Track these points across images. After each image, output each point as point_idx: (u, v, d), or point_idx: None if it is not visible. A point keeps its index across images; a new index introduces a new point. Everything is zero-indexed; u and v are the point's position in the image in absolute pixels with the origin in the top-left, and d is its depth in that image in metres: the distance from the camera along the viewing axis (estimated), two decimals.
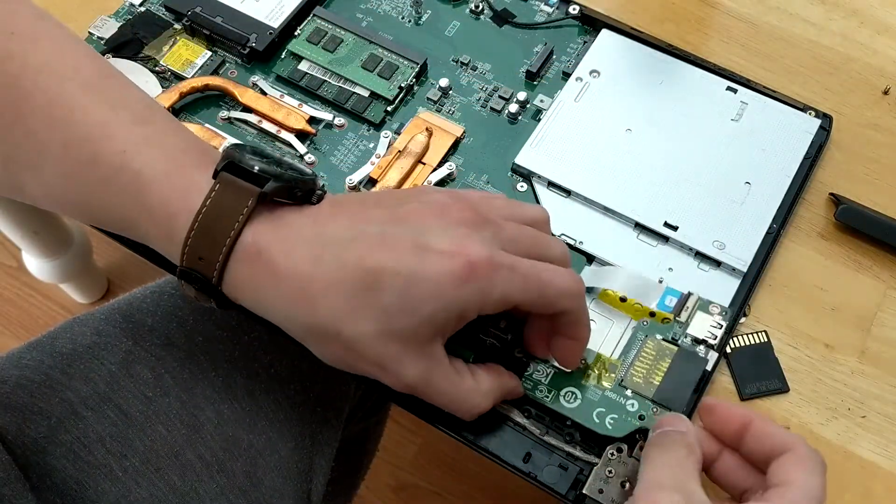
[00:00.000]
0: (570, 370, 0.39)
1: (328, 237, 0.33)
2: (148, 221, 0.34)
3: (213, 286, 0.34)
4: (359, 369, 0.34)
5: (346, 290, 0.32)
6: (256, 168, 0.34)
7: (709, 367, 0.40)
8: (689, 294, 0.41)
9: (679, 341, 0.40)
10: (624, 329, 0.41)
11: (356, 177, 0.45)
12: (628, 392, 0.39)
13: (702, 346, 0.40)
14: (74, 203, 0.36)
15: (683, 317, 0.41)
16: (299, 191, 0.34)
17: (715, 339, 0.40)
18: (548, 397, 0.39)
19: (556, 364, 0.39)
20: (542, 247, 0.36)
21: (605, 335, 0.41)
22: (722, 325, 0.40)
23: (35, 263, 0.98)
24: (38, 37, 0.36)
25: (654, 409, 0.38)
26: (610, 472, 0.37)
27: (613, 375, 0.39)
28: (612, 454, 0.37)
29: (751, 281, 0.42)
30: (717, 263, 0.43)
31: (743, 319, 0.42)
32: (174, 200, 0.34)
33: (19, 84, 0.35)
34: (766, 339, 0.42)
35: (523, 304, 0.34)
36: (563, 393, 0.39)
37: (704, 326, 0.40)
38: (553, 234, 0.39)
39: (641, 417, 0.38)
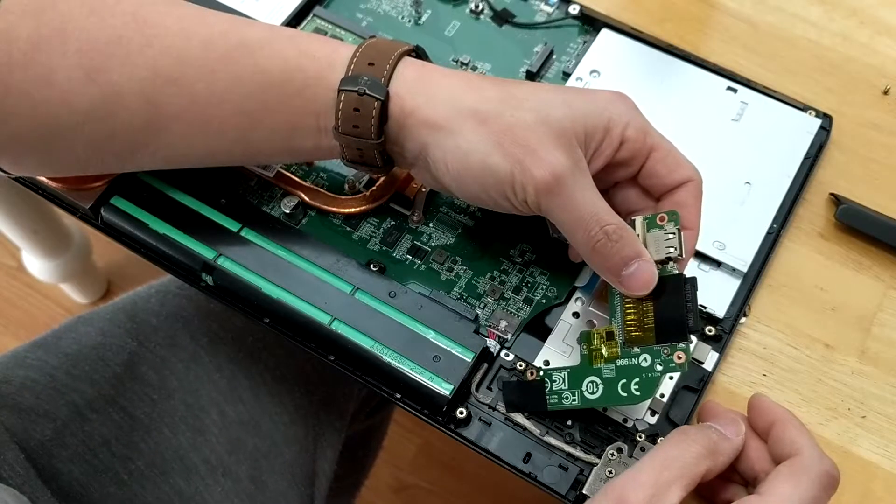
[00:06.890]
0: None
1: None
2: (309, 61, 0.37)
3: (381, 85, 0.36)
4: (503, 158, 0.35)
5: (510, 84, 0.37)
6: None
7: (709, 368, 0.40)
8: (634, 220, 0.38)
9: None
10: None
11: (354, 176, 0.45)
12: (636, 349, 0.36)
13: (670, 264, 0.37)
14: (228, 78, 0.37)
15: None
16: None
17: (676, 250, 0.36)
18: (576, 400, 0.37)
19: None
20: None
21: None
22: (675, 234, 0.36)
23: (35, 263, 0.98)
24: None
25: (665, 351, 0.36)
26: (610, 472, 0.37)
27: (615, 342, 0.37)
28: (613, 454, 0.37)
29: (751, 281, 0.42)
30: (718, 264, 0.43)
31: (743, 319, 0.42)
32: (334, 45, 0.38)
33: (141, 16, 0.36)
34: None
35: (660, 146, 0.38)
36: (584, 387, 0.37)
37: (661, 245, 0.37)
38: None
39: (659, 366, 0.36)
